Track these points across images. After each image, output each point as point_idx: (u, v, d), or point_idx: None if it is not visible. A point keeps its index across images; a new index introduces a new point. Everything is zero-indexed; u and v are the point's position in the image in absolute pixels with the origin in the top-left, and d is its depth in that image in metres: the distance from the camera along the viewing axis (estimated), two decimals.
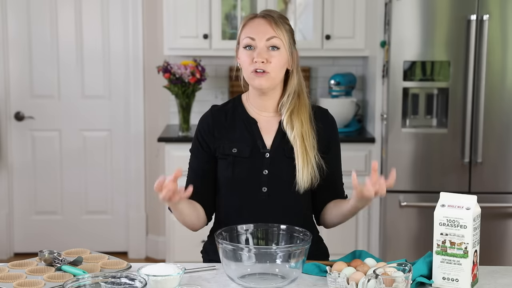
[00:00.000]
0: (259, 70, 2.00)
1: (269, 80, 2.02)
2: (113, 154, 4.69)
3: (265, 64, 2.00)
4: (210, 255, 2.12)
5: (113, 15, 4.56)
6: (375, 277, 1.61)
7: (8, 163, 4.62)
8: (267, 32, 2.02)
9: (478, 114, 3.71)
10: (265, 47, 2.01)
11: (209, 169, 2.11)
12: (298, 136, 2.04)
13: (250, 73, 2.02)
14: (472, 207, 1.79)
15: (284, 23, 2.05)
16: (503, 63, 3.70)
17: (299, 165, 2.02)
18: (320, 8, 4.18)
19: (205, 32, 4.18)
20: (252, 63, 2.01)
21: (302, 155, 2.03)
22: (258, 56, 2.00)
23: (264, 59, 2.00)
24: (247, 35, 2.04)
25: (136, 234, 4.73)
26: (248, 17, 2.08)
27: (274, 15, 2.05)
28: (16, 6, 4.51)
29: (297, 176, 2.03)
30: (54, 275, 1.83)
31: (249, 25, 2.06)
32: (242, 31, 2.07)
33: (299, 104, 2.08)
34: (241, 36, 2.07)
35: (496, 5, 3.65)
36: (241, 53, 2.06)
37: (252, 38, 2.02)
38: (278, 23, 2.03)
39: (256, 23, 2.04)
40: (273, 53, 2.02)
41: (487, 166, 3.74)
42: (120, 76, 4.61)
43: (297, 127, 2.05)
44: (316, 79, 4.57)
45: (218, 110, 2.15)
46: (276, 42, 2.02)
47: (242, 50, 2.06)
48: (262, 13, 2.07)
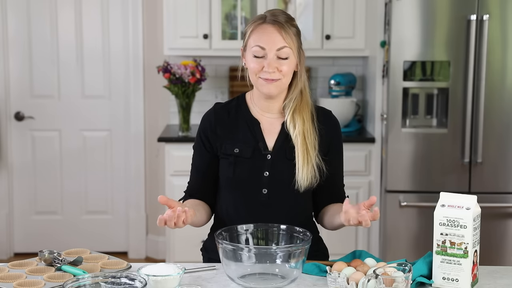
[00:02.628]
0: (269, 77, 2.00)
1: (279, 87, 2.03)
2: (113, 154, 4.69)
3: (275, 73, 2.00)
4: (210, 253, 2.12)
5: (113, 15, 4.56)
6: (375, 277, 1.61)
7: (8, 163, 4.62)
8: (277, 42, 1.99)
9: (478, 114, 3.70)
10: (275, 57, 2.00)
11: (211, 166, 2.11)
12: (300, 135, 2.04)
13: (259, 79, 2.02)
14: (472, 207, 1.79)
15: (292, 26, 2.02)
16: (503, 63, 3.70)
17: (299, 163, 2.02)
18: (320, 8, 4.18)
19: (205, 32, 4.18)
20: (262, 71, 2.01)
21: (302, 153, 2.03)
22: (269, 66, 1.99)
23: (275, 69, 2.00)
24: (256, 43, 2.01)
25: (136, 234, 4.73)
26: (256, 22, 2.04)
27: (282, 20, 2.01)
28: (16, 6, 4.51)
29: (296, 174, 2.02)
30: (54, 275, 1.83)
31: (258, 31, 2.02)
32: (250, 37, 2.03)
33: (301, 102, 2.08)
34: (249, 42, 2.03)
35: (496, 5, 3.65)
36: (249, 59, 2.03)
37: (262, 47, 2.00)
38: (286, 29, 2.00)
39: (266, 31, 2.01)
40: (283, 61, 2.00)
41: (487, 166, 3.74)
42: (120, 76, 4.61)
43: (299, 124, 2.05)
44: (316, 79, 4.57)
45: (221, 108, 2.15)
46: (286, 51, 2.00)
47: (251, 57, 2.02)
48: (271, 18, 2.02)
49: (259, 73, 2.01)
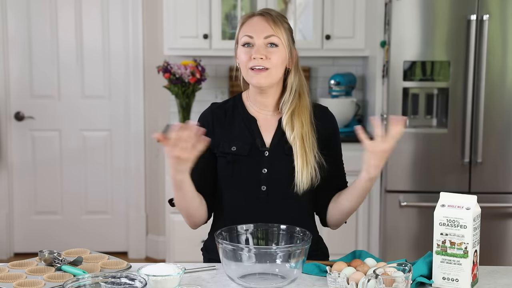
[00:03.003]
0: (258, 67, 2.00)
1: (269, 77, 2.02)
2: (113, 154, 4.69)
3: (264, 60, 2.00)
4: (210, 254, 2.12)
5: (113, 15, 4.56)
6: (375, 277, 1.61)
7: (8, 163, 4.62)
8: (266, 30, 2.02)
9: (478, 114, 3.70)
10: (263, 44, 2.02)
11: (209, 166, 2.11)
12: (298, 138, 2.04)
13: (248, 70, 2.02)
14: (472, 207, 1.79)
15: (283, 21, 2.06)
16: (503, 63, 3.70)
17: (298, 166, 2.02)
18: (320, 8, 4.18)
19: (205, 32, 4.18)
20: (251, 60, 2.01)
21: (301, 156, 2.02)
22: (256, 52, 2.00)
23: (263, 56, 2.00)
24: (245, 33, 2.04)
25: (136, 234, 4.73)
26: (246, 16, 2.09)
27: (273, 13, 2.06)
28: (16, 6, 4.51)
29: (296, 178, 2.02)
30: (54, 275, 1.83)
31: (247, 23, 2.06)
32: (240, 30, 2.07)
33: (300, 105, 2.07)
34: (239, 35, 2.07)
35: (496, 5, 3.65)
36: (239, 51, 2.06)
37: (250, 36, 2.03)
38: (276, 21, 2.03)
39: (255, 21, 2.05)
40: (272, 49, 2.02)
41: (487, 166, 3.74)
42: (120, 76, 4.61)
43: (297, 128, 2.04)
44: (316, 79, 4.57)
45: (218, 108, 2.15)
46: (274, 39, 2.02)
47: (240, 48, 2.06)
48: (261, 11, 2.08)
49: (248, 63, 2.01)
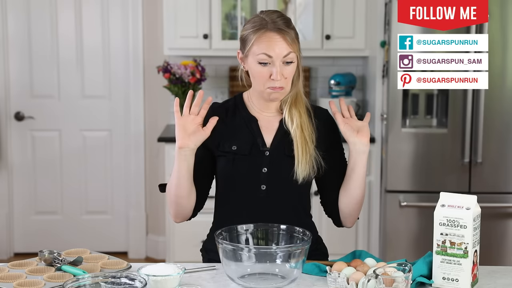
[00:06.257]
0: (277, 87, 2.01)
1: (284, 93, 2.05)
2: (113, 154, 4.69)
3: (281, 81, 2.01)
4: (210, 254, 2.12)
5: (113, 15, 4.56)
6: (375, 277, 1.61)
7: (8, 163, 4.62)
8: (284, 50, 2.00)
9: (478, 114, 3.70)
10: (282, 64, 2.01)
11: (205, 165, 2.11)
12: (298, 127, 2.06)
13: (267, 88, 2.02)
14: (472, 207, 1.79)
15: (292, 30, 2.03)
16: (503, 63, 3.70)
17: (298, 154, 2.03)
18: (320, 8, 4.18)
19: (205, 32, 4.18)
20: (269, 79, 2.01)
21: (301, 144, 2.04)
22: (277, 75, 1.99)
23: (282, 77, 2.01)
24: (262, 51, 2.00)
25: (136, 234, 4.73)
26: (259, 29, 2.02)
27: (283, 26, 2.01)
28: (16, 6, 4.51)
29: (295, 165, 2.03)
30: (54, 275, 1.83)
31: (263, 40, 2.01)
32: (254, 43, 2.01)
33: (296, 97, 2.10)
34: (253, 48, 2.02)
35: (496, 6, 3.65)
36: (254, 66, 2.03)
37: (269, 55, 2.00)
38: (290, 35, 2.01)
39: (272, 39, 2.00)
40: (288, 67, 2.02)
41: (487, 166, 3.74)
42: (120, 76, 4.61)
43: (296, 118, 2.07)
44: (316, 79, 4.57)
45: (219, 107, 2.15)
46: (291, 57, 2.01)
47: (255, 63, 2.02)
48: (272, 25, 2.01)
49: (267, 82, 2.01)
